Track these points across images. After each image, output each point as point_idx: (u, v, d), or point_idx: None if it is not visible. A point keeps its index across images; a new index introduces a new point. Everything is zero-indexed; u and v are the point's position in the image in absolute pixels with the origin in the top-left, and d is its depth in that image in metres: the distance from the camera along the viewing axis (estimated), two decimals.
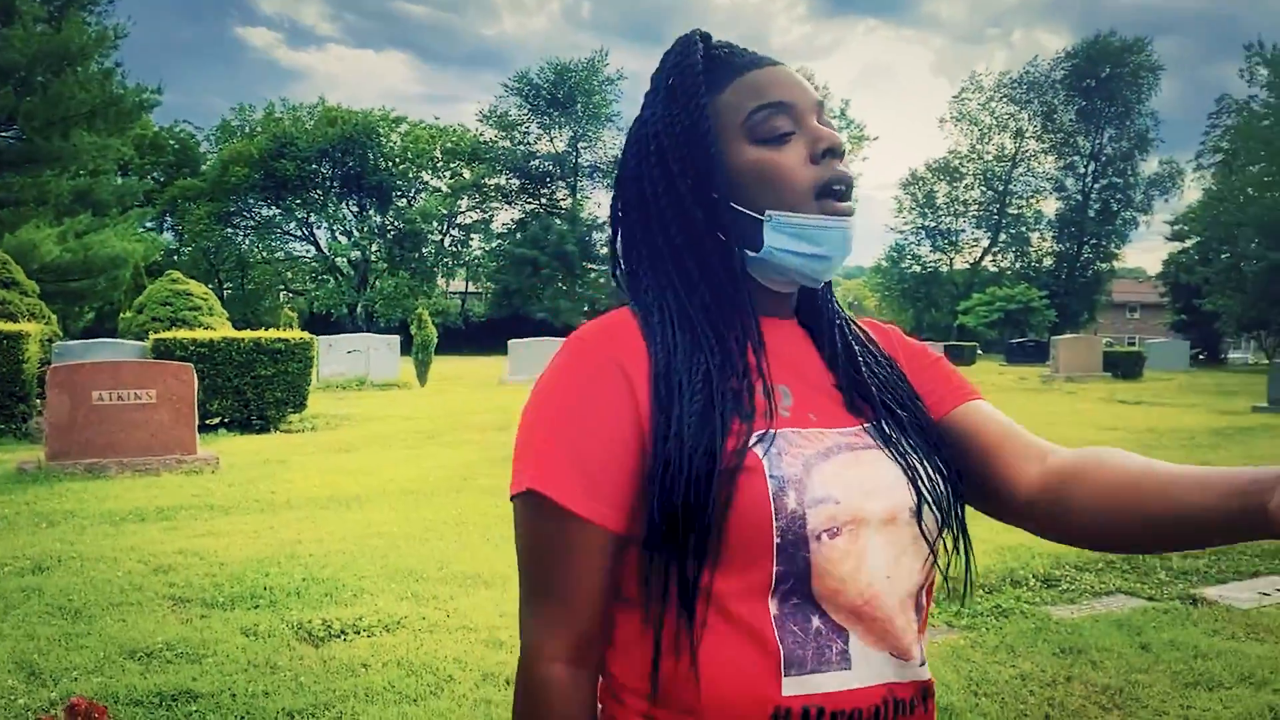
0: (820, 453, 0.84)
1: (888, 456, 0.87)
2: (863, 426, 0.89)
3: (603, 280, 49.71)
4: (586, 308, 51.30)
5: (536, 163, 54.67)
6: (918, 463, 0.87)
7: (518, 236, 53.41)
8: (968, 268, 55.29)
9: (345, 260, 53.96)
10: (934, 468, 0.88)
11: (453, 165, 56.37)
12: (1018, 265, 54.42)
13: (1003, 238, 54.97)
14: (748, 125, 0.88)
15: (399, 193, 55.03)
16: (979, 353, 37.21)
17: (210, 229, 51.00)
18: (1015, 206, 54.98)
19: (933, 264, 56.73)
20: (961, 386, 0.98)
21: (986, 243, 55.51)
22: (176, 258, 48.22)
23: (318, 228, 55.22)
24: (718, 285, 0.89)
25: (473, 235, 57.05)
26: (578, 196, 55.29)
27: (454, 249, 57.25)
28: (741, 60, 0.92)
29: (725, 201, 0.88)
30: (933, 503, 0.86)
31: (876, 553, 0.82)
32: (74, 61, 21.66)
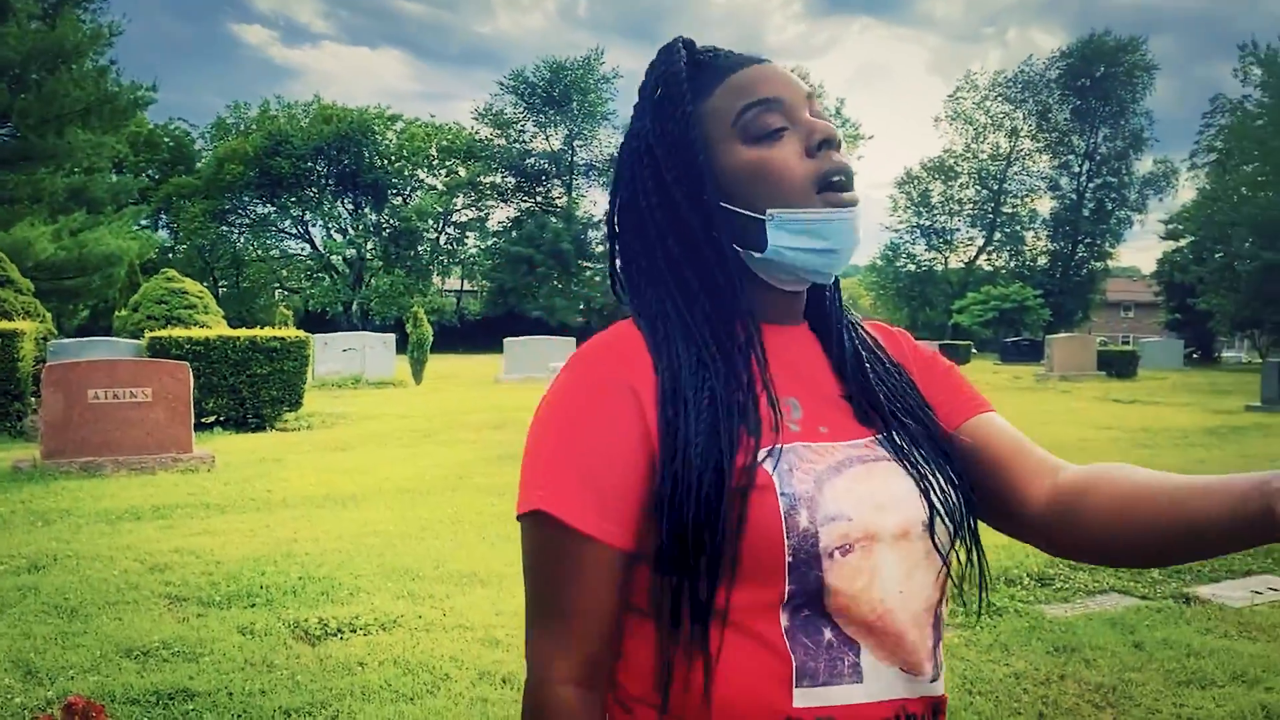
0: (831, 467, 0.83)
1: (899, 469, 0.86)
2: (874, 438, 0.88)
3: (598, 279, 49.66)
4: (582, 306, 51.31)
5: (532, 161, 54.63)
6: (930, 475, 0.87)
7: (513, 235, 53.35)
8: (962, 266, 55.30)
9: (340, 258, 53.94)
10: (946, 480, 0.88)
11: (448, 163, 56.36)
12: (1012, 264, 54.49)
13: (997, 237, 54.99)
14: (739, 125, 0.87)
15: (394, 190, 54.98)
16: (974, 352, 37.23)
17: (205, 227, 50.94)
18: (1010, 205, 55.02)
19: (927, 263, 56.75)
20: (974, 398, 0.98)
21: (981, 242, 55.55)
22: (171, 256, 48.20)
23: (313, 225, 55.30)
24: (718, 295, 0.88)
25: (468, 233, 57.07)
26: (573, 195, 55.28)
27: (449, 247, 57.26)
28: (726, 62, 0.91)
29: (723, 206, 0.87)
30: (945, 516, 0.85)
31: (889, 568, 0.82)
32: (69, 59, 21.64)
